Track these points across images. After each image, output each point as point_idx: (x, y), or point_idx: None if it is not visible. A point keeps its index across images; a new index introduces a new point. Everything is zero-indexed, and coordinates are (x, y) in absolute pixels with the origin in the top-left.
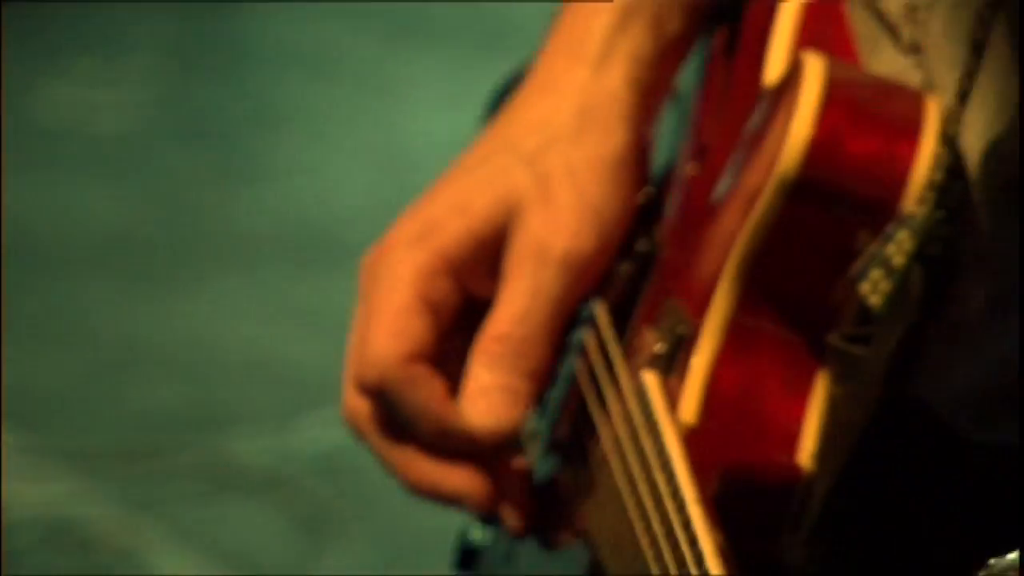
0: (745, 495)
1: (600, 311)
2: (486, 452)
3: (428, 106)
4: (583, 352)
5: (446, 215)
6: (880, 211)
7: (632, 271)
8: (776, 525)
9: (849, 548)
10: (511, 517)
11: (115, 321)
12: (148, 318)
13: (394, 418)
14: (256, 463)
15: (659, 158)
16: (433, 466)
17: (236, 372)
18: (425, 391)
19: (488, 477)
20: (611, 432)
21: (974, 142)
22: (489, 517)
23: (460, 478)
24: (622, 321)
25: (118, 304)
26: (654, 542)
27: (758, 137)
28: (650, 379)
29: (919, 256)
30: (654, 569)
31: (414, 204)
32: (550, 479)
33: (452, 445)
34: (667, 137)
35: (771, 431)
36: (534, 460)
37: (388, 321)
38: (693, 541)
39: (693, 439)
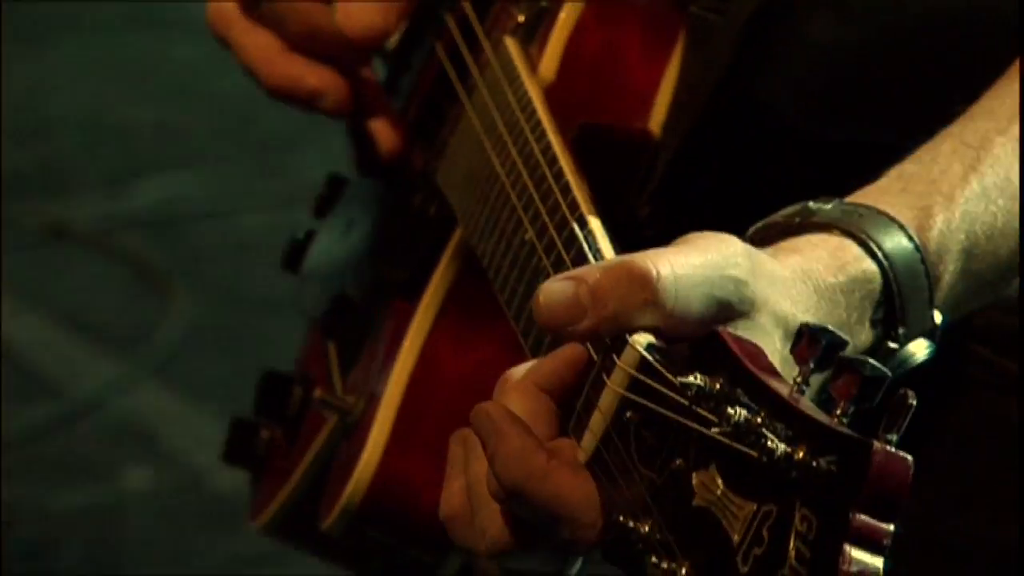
0: (597, 154)
1: None
2: (348, 58)
3: None
4: (443, 32)
5: None
6: None
7: None
8: (623, 186)
9: (688, 211)
10: (380, 133)
11: None
12: None
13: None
14: (92, 222)
15: None
16: (295, 61)
17: (72, 133)
18: None
19: (347, 81)
20: (473, 93)
21: None
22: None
23: (320, 76)
24: (482, 11)
25: None
26: (513, 172)
27: None
28: (510, 43)
29: None
30: (512, 192)
31: None
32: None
33: (319, 48)
34: None
35: (627, 95)
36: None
37: None
38: (557, 172)
39: (552, 95)
